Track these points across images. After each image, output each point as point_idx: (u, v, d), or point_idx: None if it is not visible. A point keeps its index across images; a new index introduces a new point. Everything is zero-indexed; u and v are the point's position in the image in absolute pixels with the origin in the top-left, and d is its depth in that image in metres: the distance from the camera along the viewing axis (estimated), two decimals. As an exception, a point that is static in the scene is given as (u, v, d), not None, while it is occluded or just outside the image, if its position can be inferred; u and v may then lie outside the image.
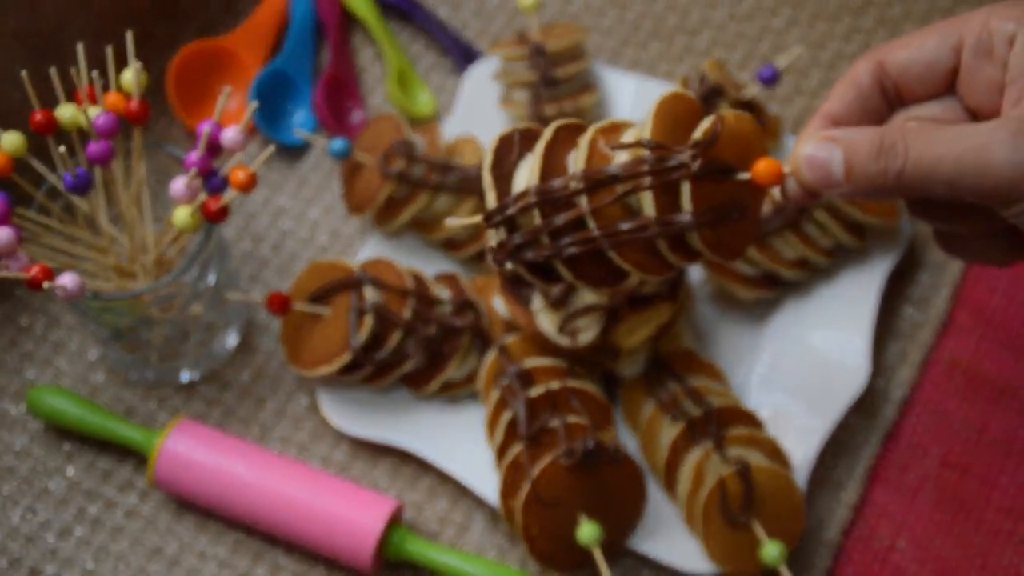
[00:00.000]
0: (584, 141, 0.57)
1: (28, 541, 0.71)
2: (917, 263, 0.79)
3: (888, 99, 0.58)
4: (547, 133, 0.58)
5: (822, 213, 0.73)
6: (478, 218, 0.60)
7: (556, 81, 0.78)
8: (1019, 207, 0.51)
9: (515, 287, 0.70)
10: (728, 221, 0.56)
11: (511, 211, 0.57)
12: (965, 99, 0.57)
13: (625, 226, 0.55)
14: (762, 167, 0.53)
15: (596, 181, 0.56)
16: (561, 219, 0.56)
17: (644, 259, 0.57)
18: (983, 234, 0.58)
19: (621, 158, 0.56)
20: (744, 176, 0.55)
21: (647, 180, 0.55)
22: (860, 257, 0.76)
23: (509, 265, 0.59)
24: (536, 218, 0.56)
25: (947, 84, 0.57)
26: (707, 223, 0.54)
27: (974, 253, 0.59)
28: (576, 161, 0.57)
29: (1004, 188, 0.51)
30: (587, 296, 0.68)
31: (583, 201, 0.56)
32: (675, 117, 0.57)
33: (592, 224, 0.56)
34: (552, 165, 0.58)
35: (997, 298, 0.78)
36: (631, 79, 0.83)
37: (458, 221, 0.62)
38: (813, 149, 0.52)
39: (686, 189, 0.54)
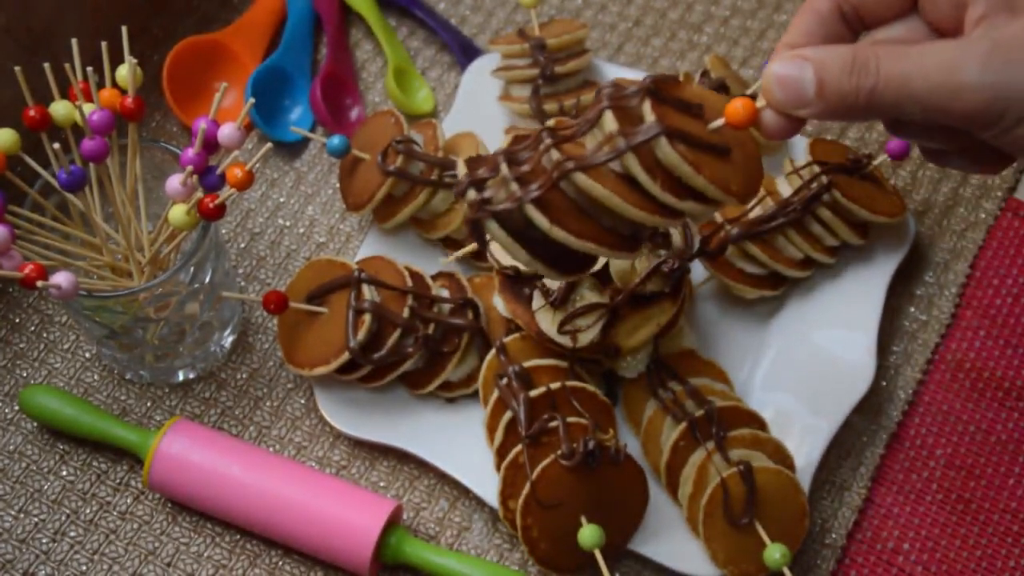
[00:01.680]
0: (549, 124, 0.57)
1: (21, 543, 0.70)
2: (922, 262, 0.79)
3: (850, 24, 0.57)
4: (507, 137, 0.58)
5: (826, 211, 0.73)
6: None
7: (556, 77, 0.78)
8: (995, 129, 0.51)
9: (515, 286, 0.70)
10: (712, 151, 0.54)
11: (481, 172, 0.56)
12: (927, 17, 0.55)
13: (589, 148, 0.54)
14: (733, 105, 0.52)
15: (561, 133, 0.55)
16: (527, 166, 0.55)
17: (626, 192, 0.54)
18: (967, 148, 0.57)
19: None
20: (718, 123, 0.54)
21: (605, 103, 0.54)
22: (865, 256, 0.76)
23: (486, 225, 0.56)
24: (503, 171, 0.55)
25: (909, 3, 0.56)
26: (677, 136, 0.53)
27: (962, 165, 0.59)
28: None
29: (979, 111, 0.50)
30: (588, 295, 0.67)
31: (545, 138, 0.55)
32: None
33: (557, 155, 0.55)
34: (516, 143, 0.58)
35: (1003, 297, 0.78)
36: (632, 75, 0.82)
37: (453, 256, 0.62)
38: (783, 67, 0.52)
39: (646, 106, 0.54)
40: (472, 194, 0.56)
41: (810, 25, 0.56)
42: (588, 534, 0.64)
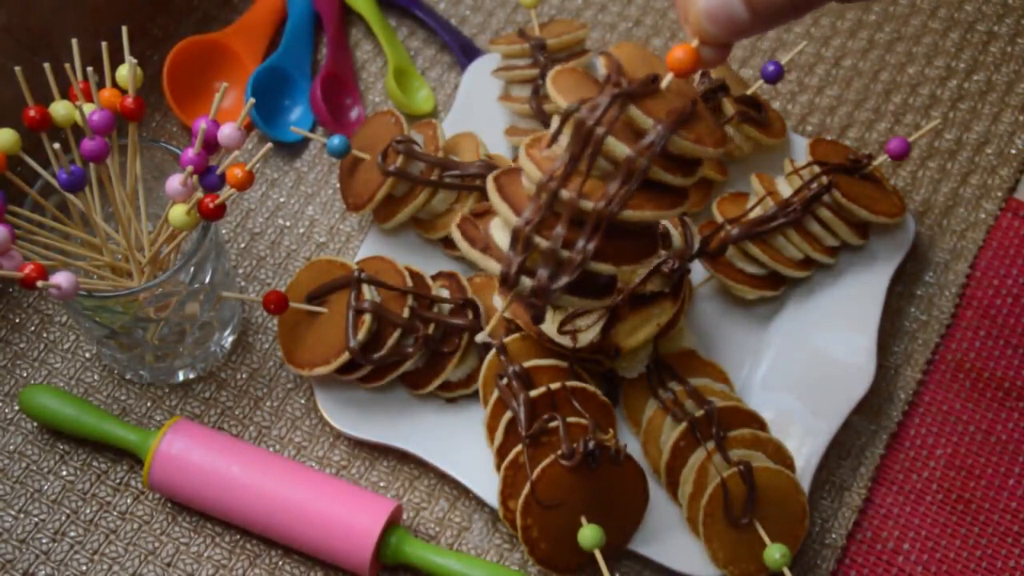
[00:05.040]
0: (523, 159, 0.57)
1: (21, 543, 0.70)
2: (922, 262, 0.79)
3: None
4: (489, 183, 0.59)
5: (826, 212, 0.73)
6: (503, 304, 0.60)
7: (557, 77, 0.78)
8: None
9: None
10: (691, 119, 0.56)
11: (518, 258, 0.56)
12: None
13: (614, 185, 0.55)
14: (674, 57, 0.53)
15: (562, 174, 0.56)
16: (561, 228, 0.56)
17: (656, 201, 0.56)
18: None
19: (563, 143, 0.56)
20: (668, 78, 0.55)
21: (600, 130, 0.55)
22: (865, 256, 0.76)
23: (558, 302, 0.58)
24: (542, 244, 0.56)
25: None
26: (677, 125, 0.54)
27: None
28: (529, 177, 0.57)
29: None
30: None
31: (565, 195, 0.55)
32: (574, 86, 0.57)
33: (589, 204, 0.55)
34: (513, 197, 0.58)
35: (1003, 297, 0.78)
36: (632, 75, 0.82)
37: (484, 337, 0.63)
38: (707, 3, 0.51)
39: (636, 112, 0.55)
40: (527, 281, 0.57)
41: None
42: (588, 534, 0.64)
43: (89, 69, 0.64)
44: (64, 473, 0.72)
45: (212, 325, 0.73)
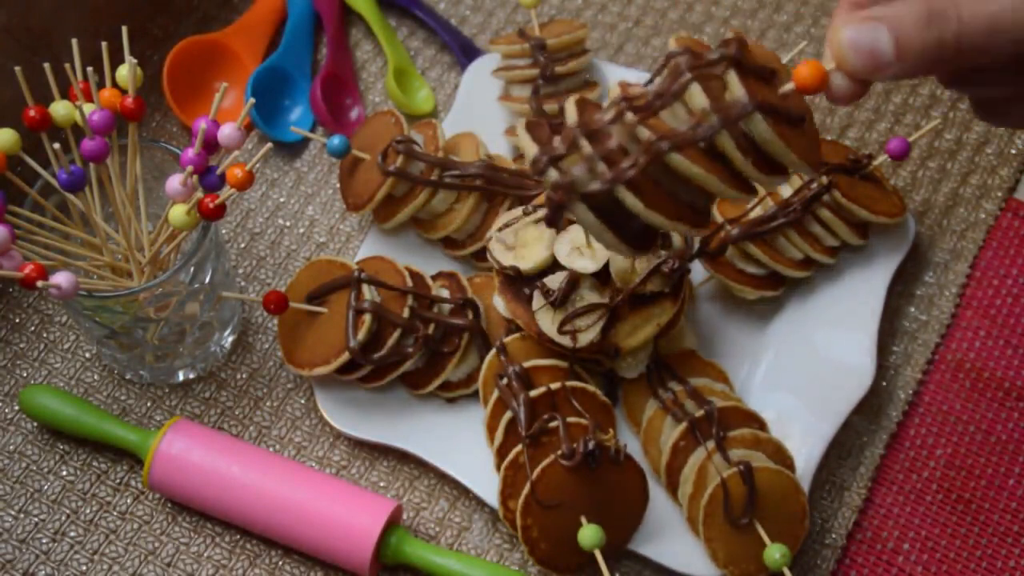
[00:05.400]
0: (614, 86, 0.54)
1: (21, 543, 0.70)
2: (922, 262, 0.79)
3: None
4: (570, 100, 0.55)
5: (826, 212, 0.73)
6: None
7: (557, 77, 0.78)
8: None
9: (515, 286, 0.70)
10: (792, 123, 0.52)
11: (560, 149, 0.52)
12: None
13: (679, 128, 0.51)
14: (804, 70, 0.50)
15: (640, 105, 0.52)
16: (614, 142, 0.52)
17: (713, 167, 0.52)
18: None
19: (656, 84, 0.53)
20: (789, 87, 0.52)
21: (688, 75, 0.51)
22: (865, 256, 0.76)
23: (571, 207, 0.53)
24: (586, 149, 0.52)
25: None
26: (768, 111, 0.51)
27: (1019, 118, 0.56)
28: (610, 98, 0.54)
29: None
30: (588, 295, 0.67)
31: (629, 117, 0.52)
32: (690, 47, 0.55)
33: (647, 133, 0.51)
34: (587, 115, 0.54)
35: (1003, 297, 0.78)
36: (632, 76, 0.82)
37: (491, 233, 0.58)
38: (855, 33, 0.49)
39: (733, 78, 0.51)
40: (554, 174, 0.52)
41: None
42: (588, 534, 0.64)
43: (89, 69, 0.64)
44: (64, 473, 0.72)
45: (212, 325, 0.73)
